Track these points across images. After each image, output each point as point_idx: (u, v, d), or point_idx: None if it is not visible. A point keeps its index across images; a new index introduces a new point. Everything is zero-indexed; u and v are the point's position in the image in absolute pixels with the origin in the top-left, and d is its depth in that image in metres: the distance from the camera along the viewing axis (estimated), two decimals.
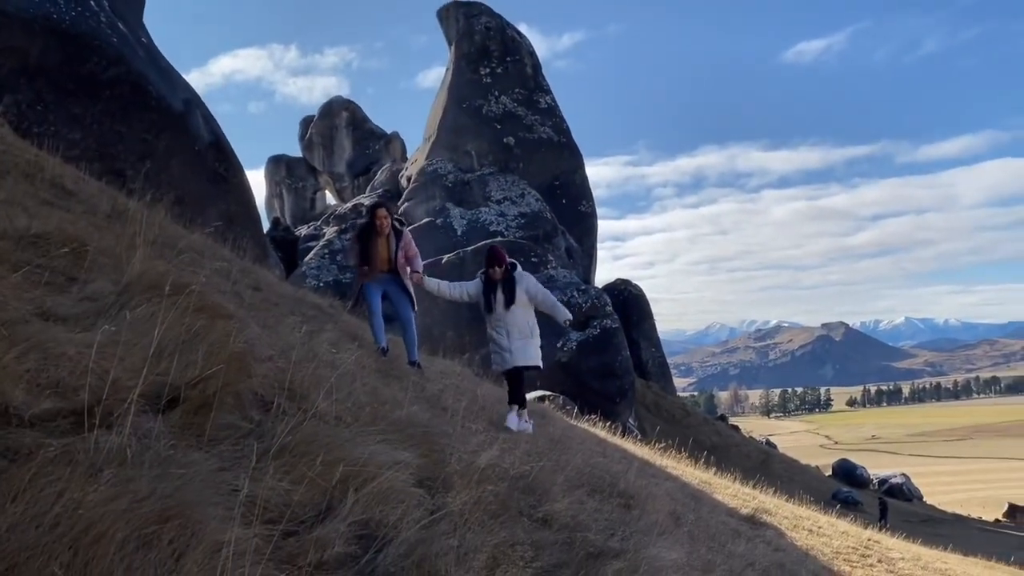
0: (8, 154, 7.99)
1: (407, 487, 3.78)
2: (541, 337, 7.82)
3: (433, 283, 7.64)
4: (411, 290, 7.86)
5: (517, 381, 7.55)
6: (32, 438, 2.84)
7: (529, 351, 7.47)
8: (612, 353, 31.57)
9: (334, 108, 68.39)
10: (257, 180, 68.24)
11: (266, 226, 40.61)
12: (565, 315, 7.58)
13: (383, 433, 4.34)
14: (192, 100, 16.37)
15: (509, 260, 7.66)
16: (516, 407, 7.46)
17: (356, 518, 3.26)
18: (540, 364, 7.61)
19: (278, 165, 69.90)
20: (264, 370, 4.56)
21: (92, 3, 14.42)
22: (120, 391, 3.37)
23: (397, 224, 7.84)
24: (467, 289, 7.70)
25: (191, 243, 7.46)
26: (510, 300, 7.41)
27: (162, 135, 14.88)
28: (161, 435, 3.10)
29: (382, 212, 7.72)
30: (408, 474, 3.90)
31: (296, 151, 70.95)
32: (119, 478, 2.61)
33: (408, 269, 7.73)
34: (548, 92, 47.74)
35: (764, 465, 38.82)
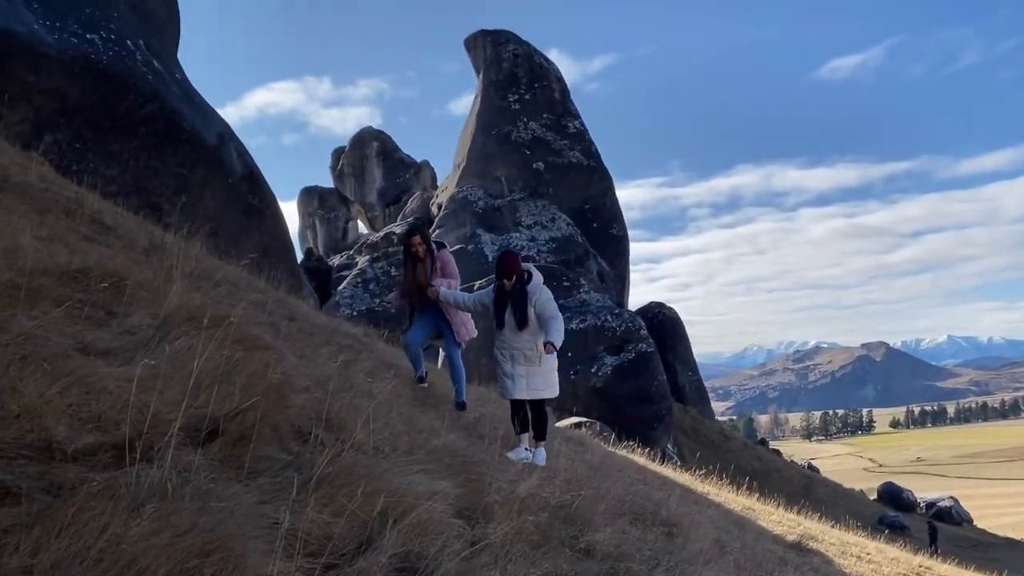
0: (50, 192, 8.15)
1: (446, 518, 3.72)
2: (576, 362, 7.38)
3: (450, 295, 7.06)
4: (453, 324, 7.36)
5: (521, 411, 6.67)
6: (75, 473, 2.84)
7: (535, 380, 6.49)
8: (648, 378, 31.25)
9: (365, 139, 69.24)
10: (290, 211, 69.17)
11: (299, 257, 41.03)
12: (552, 336, 6.21)
13: (421, 463, 4.29)
14: (225, 134, 16.65)
15: (524, 267, 6.58)
16: (526, 436, 6.61)
17: (396, 550, 3.21)
18: (548, 395, 6.64)
19: (311, 196, 70.81)
20: (301, 401, 4.55)
21: (128, 43, 14.77)
22: (160, 424, 3.37)
23: (435, 246, 7.45)
24: (480, 299, 6.84)
25: (227, 275, 7.52)
26: (523, 322, 6.41)
27: (196, 169, 15.13)
28: (201, 468, 3.08)
29: (416, 239, 7.33)
30: (447, 504, 3.85)
31: (328, 182, 71.88)
32: (161, 512, 2.59)
33: (438, 292, 7.17)
34: (576, 116, 47.88)
35: (807, 490, 38.06)
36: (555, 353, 6.42)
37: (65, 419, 3.28)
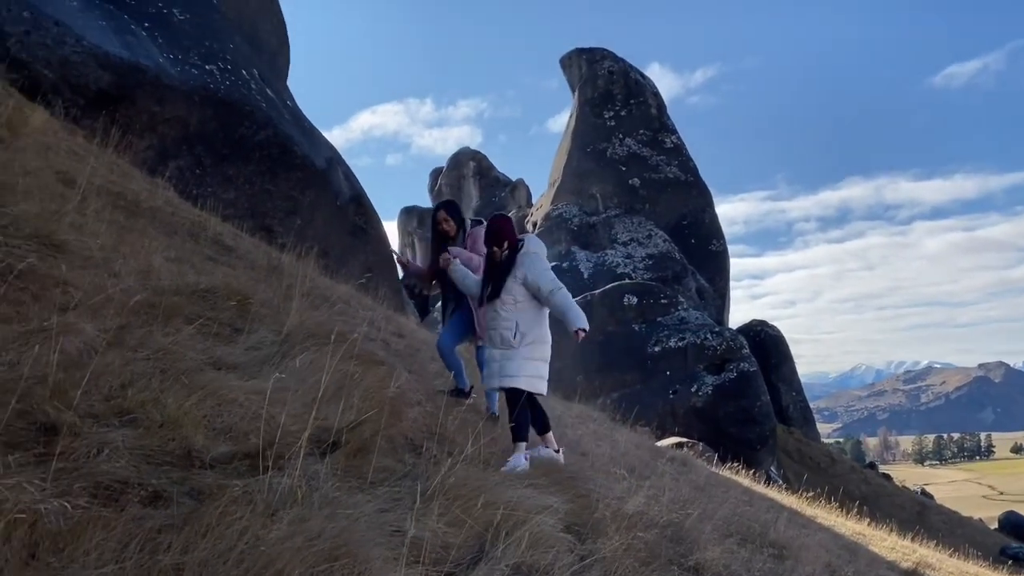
0: (176, 215, 8.68)
1: (556, 532, 3.79)
2: (675, 381, 6.59)
3: (459, 272, 5.89)
4: (478, 319, 6.05)
5: (511, 404, 5.33)
6: (213, 479, 3.06)
7: (508, 364, 5.25)
8: (750, 398, 30.48)
9: (461, 159, 70.49)
10: (391, 230, 70.97)
11: (400, 274, 41.97)
12: (578, 322, 5.20)
13: (529, 477, 4.38)
14: (333, 158, 17.31)
15: (521, 237, 5.58)
16: (522, 443, 5.20)
17: (510, 562, 3.29)
18: (522, 385, 5.26)
19: (410, 215, 72.42)
20: (414, 414, 4.72)
21: (243, 72, 15.55)
22: (286, 435, 3.58)
23: (469, 223, 6.40)
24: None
25: (340, 294, 7.82)
26: (495, 292, 5.36)
27: (307, 192, 15.76)
28: (327, 477, 3.25)
29: (441, 214, 6.36)
30: (556, 519, 3.92)
31: (427, 201, 73.44)
32: (294, 518, 2.76)
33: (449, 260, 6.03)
34: (674, 132, 47.43)
35: (920, 517, 36.20)
36: (538, 341, 5.37)
37: (202, 429, 3.52)
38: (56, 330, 3.51)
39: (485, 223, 6.22)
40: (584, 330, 5.19)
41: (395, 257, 6.64)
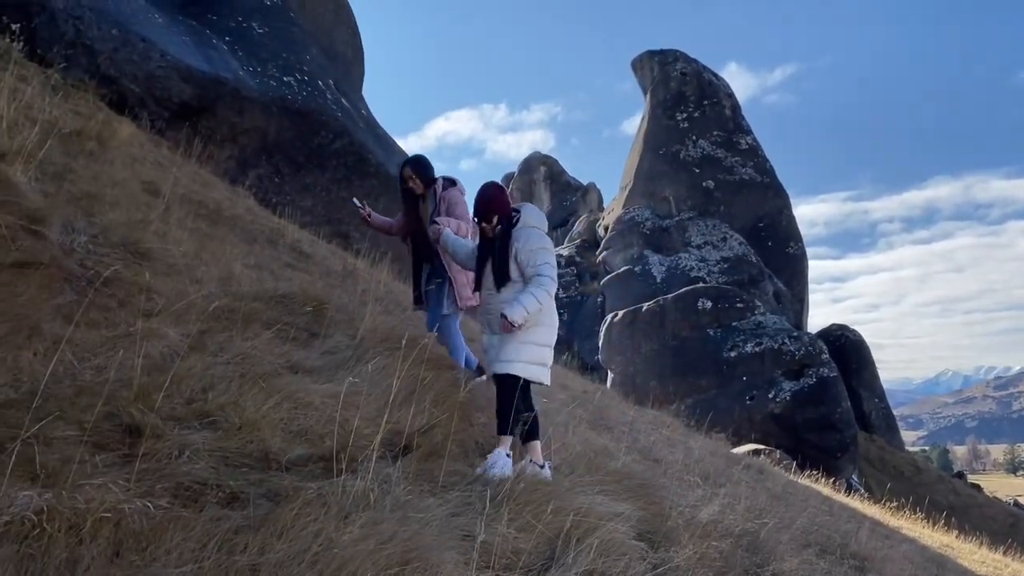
0: (255, 223, 8.93)
1: (628, 539, 3.74)
2: (752, 387, 5.98)
3: (450, 241, 5.17)
4: (456, 284, 5.47)
5: (500, 392, 4.50)
6: (289, 481, 3.12)
7: (505, 350, 4.51)
8: (830, 404, 29.62)
9: (532, 164, 70.64)
10: None
11: None
12: (511, 310, 4.42)
13: (600, 484, 4.33)
14: None
15: (516, 207, 4.87)
16: (506, 438, 4.37)
17: (581, 568, 3.26)
18: (518, 372, 4.44)
19: None
20: (484, 419, 4.73)
21: (319, 83, 15.92)
22: (359, 438, 3.63)
23: (441, 182, 5.72)
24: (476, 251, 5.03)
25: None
26: (502, 278, 4.66)
27: (381, 199, 16.02)
28: (399, 481, 3.28)
29: (406, 171, 5.72)
30: (628, 526, 3.87)
31: None
32: (366, 521, 2.79)
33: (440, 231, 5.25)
34: (749, 132, 46.52)
35: (1013, 529, 34.52)
36: (540, 323, 4.57)
37: (279, 432, 3.60)
38: (141, 335, 3.65)
39: (458, 183, 5.81)
40: (511, 322, 4.41)
41: (356, 207, 6.01)
